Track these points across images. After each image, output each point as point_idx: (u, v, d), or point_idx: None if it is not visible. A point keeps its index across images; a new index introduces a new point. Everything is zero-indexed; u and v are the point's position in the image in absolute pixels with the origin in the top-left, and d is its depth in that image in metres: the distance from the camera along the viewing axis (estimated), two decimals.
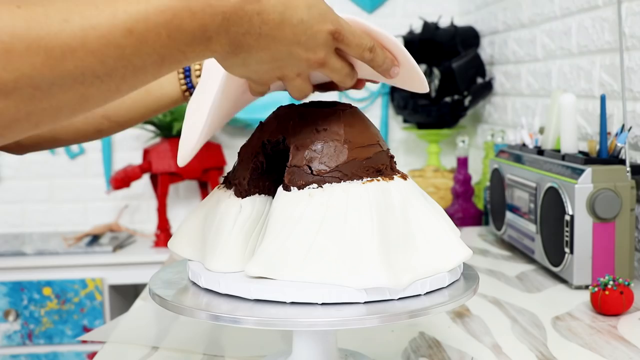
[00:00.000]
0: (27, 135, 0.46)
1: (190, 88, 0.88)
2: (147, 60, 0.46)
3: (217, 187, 0.72)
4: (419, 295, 0.61)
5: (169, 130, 2.08)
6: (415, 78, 0.66)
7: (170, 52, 0.48)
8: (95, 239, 2.17)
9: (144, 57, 0.46)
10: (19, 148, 0.85)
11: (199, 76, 0.87)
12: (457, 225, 1.00)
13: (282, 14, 0.51)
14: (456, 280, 0.66)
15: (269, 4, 0.51)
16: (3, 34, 0.40)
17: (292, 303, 0.59)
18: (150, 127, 2.13)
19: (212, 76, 0.72)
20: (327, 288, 0.58)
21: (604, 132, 1.11)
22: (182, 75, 0.87)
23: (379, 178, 0.63)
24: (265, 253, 0.61)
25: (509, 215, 1.34)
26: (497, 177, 1.41)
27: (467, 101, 2.05)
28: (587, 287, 1.06)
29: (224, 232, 0.65)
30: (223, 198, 0.68)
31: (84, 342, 1.95)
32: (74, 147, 2.32)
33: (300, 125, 0.64)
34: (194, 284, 0.66)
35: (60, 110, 0.45)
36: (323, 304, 0.58)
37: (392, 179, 0.64)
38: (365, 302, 0.59)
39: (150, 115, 0.89)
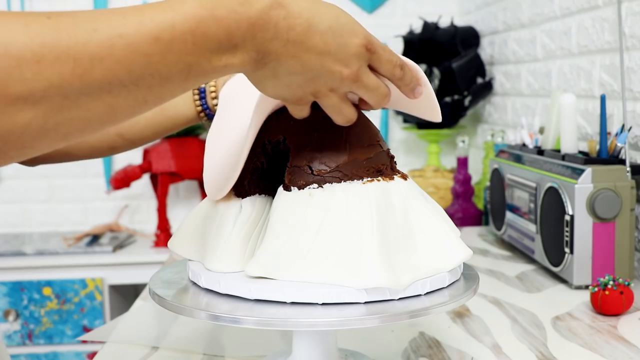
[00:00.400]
0: (55, 147, 0.46)
1: (205, 109, 0.86)
2: (173, 69, 0.47)
3: None
4: (419, 295, 0.61)
5: None
6: (432, 104, 0.65)
7: (197, 60, 0.48)
8: (95, 239, 2.17)
9: (170, 65, 0.46)
10: (30, 160, 0.85)
11: (214, 98, 0.85)
12: (457, 225, 1.00)
13: (309, 20, 0.51)
14: (456, 281, 0.66)
15: (295, 10, 0.50)
16: (33, 44, 0.41)
17: (292, 303, 0.59)
18: None
19: (234, 106, 0.71)
20: (327, 288, 0.58)
21: (604, 132, 1.11)
22: (197, 97, 0.86)
23: (379, 178, 0.63)
24: (265, 253, 0.61)
25: (509, 215, 1.34)
26: (497, 177, 1.41)
27: (467, 101, 2.05)
28: (587, 287, 1.06)
29: (224, 233, 0.65)
30: (223, 198, 0.68)
31: (84, 342, 1.95)
32: None
33: (300, 125, 0.64)
34: (194, 284, 0.66)
35: (88, 122, 0.45)
36: (323, 304, 0.58)
37: (393, 179, 0.64)
38: (366, 302, 0.59)
39: (163, 134, 0.88)
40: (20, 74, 0.41)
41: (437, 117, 0.66)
